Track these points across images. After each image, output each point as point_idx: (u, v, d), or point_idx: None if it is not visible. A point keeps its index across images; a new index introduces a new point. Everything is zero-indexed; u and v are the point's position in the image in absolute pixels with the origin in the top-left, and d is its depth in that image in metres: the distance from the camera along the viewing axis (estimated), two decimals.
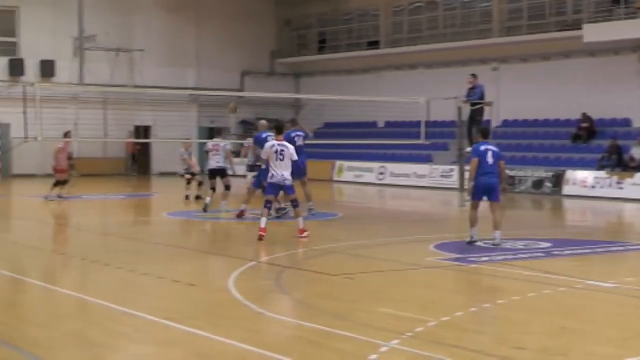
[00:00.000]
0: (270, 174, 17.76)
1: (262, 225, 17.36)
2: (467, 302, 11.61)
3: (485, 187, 16.77)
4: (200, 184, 28.23)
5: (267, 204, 17.87)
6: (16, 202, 29.89)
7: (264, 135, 21.35)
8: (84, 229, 21.26)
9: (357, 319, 10.23)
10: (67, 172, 28.14)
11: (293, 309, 11.15)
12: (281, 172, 17.55)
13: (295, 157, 17.84)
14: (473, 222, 16.86)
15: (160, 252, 16.67)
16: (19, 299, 12.14)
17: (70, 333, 9.66)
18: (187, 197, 27.73)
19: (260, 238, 17.21)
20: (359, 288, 12.62)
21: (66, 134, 29.73)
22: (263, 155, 18.13)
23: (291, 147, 17.93)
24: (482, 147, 16.84)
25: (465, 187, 26.59)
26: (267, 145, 18.00)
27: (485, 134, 17.40)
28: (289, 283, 13.00)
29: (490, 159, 16.69)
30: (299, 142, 22.07)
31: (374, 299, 11.68)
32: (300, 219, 17.96)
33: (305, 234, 17.72)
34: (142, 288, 12.57)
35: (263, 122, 23.38)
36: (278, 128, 18.46)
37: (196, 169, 28.89)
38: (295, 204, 18.14)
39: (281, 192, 19.05)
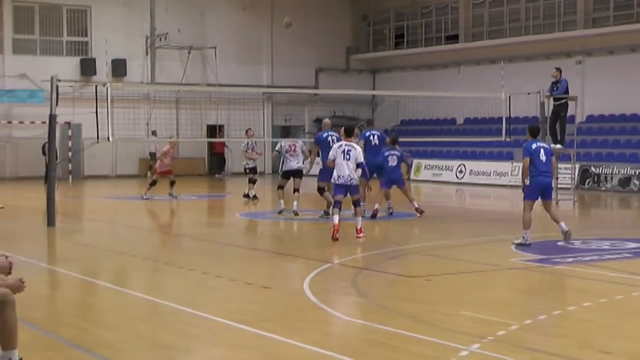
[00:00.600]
0: (336, 176, 17.96)
1: (336, 224, 17.54)
2: (551, 305, 11.46)
3: (543, 187, 16.73)
4: (254, 182, 28.43)
5: (338, 204, 17.99)
6: (88, 204, 30.33)
7: (325, 134, 21.39)
8: (156, 230, 21.50)
9: (436, 322, 10.17)
10: (171, 173, 28.84)
11: (369, 312, 11.11)
12: (347, 172, 17.80)
13: (362, 160, 18.05)
14: (528, 224, 16.65)
15: (233, 253, 16.77)
16: (91, 301, 12.30)
17: (142, 335, 9.76)
18: (247, 195, 28.16)
19: (335, 239, 17.37)
20: (438, 290, 12.56)
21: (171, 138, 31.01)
22: (330, 157, 18.25)
23: (359, 149, 18.21)
24: (534, 146, 16.67)
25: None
26: (335, 145, 18.41)
27: (534, 132, 17.14)
28: (365, 285, 12.97)
29: (543, 157, 16.55)
30: (375, 141, 22.24)
31: (453, 301, 11.60)
32: (359, 219, 18.11)
33: (362, 234, 17.89)
34: (215, 290, 12.64)
35: (327, 120, 23.32)
36: (347, 131, 18.58)
37: (258, 154, 28.89)
38: (357, 204, 18.25)
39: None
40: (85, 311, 11.44)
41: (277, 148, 23.97)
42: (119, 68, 42.42)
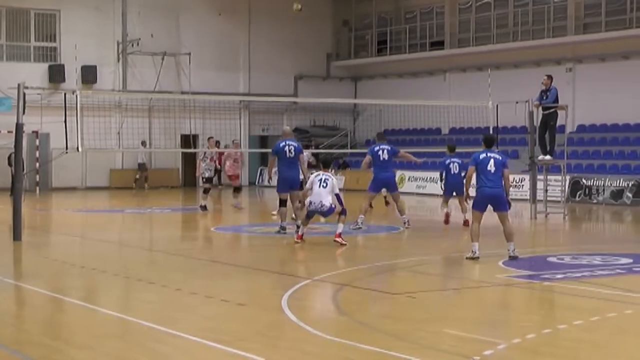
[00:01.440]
0: (309, 201, 19.58)
1: (300, 232, 19.73)
2: (540, 323, 11.48)
3: (489, 198, 16.71)
4: (208, 191, 29.12)
5: (308, 218, 19.88)
6: (56, 217, 30.20)
7: (282, 144, 21.41)
8: (127, 244, 21.43)
9: (420, 341, 10.18)
10: (238, 178, 29.91)
11: (351, 330, 11.10)
12: (319, 199, 19.36)
13: (337, 191, 19.73)
14: (475, 236, 16.73)
15: (208, 269, 16.73)
16: (60, 319, 12.25)
17: (113, 355, 9.72)
18: (203, 207, 28.58)
19: (297, 242, 19.49)
20: (422, 308, 12.56)
21: (233, 142, 32.16)
22: (307, 186, 19.74)
23: (336, 181, 19.86)
24: (482, 155, 16.65)
25: (539, 198, 26.54)
26: (312, 176, 19.85)
27: (488, 143, 17.10)
28: (346, 302, 12.97)
29: (492, 168, 16.51)
30: (384, 155, 22.44)
31: (438, 319, 11.61)
32: (340, 225, 19.39)
33: (339, 239, 19.10)
34: (189, 308, 12.61)
35: (286, 129, 23.49)
36: (324, 163, 20.37)
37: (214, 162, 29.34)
38: (342, 212, 19.59)
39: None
40: (53, 329, 11.39)
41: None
42: (89, 75, 42.25)
